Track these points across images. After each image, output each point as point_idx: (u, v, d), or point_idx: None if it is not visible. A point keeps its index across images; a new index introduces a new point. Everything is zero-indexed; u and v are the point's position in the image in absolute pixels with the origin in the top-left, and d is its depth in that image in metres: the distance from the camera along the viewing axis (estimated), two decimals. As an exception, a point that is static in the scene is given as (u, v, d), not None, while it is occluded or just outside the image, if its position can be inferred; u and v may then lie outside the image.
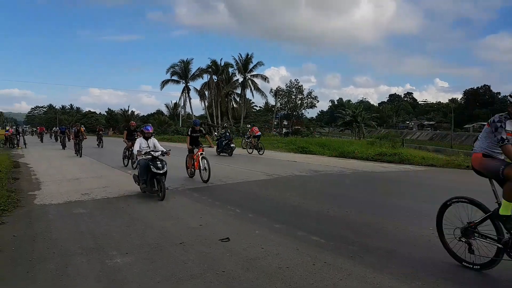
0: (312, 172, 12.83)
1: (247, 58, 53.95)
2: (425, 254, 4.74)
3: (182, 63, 55.46)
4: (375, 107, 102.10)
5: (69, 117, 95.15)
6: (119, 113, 78.35)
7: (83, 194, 8.95)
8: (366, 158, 17.39)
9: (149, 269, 4.33)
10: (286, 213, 7.03)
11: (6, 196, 8.13)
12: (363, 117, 51.80)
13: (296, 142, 26.69)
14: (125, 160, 14.93)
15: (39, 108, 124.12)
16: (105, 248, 5.07)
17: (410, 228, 5.85)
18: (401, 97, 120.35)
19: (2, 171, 11.98)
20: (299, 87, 61.03)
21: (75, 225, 6.30)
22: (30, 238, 5.52)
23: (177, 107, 65.56)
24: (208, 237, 5.48)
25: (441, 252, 4.64)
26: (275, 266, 4.36)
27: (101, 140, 28.07)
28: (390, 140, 25.79)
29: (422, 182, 11.10)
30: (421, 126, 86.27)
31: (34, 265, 4.48)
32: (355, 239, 5.33)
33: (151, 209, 7.41)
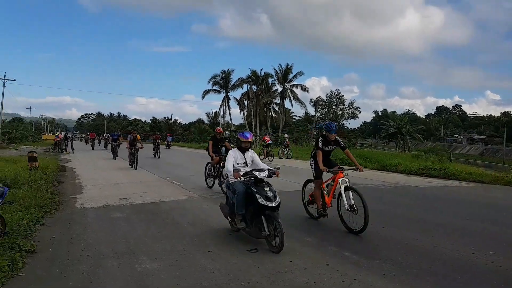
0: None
1: (287, 68, 54.01)
2: (463, 275, 4.48)
3: (223, 74, 56.42)
4: (421, 119, 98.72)
5: (116, 124, 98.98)
6: (163, 121, 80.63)
7: (121, 198, 9.24)
8: (410, 172, 16.75)
9: (176, 276, 4.37)
10: (319, 227, 6.88)
11: (49, 199, 8.55)
12: (408, 129, 50.13)
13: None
14: (209, 180, 11.46)
15: (88, 115, 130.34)
16: (136, 253, 5.18)
17: (449, 247, 5.54)
18: (449, 109, 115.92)
19: (48, 174, 12.62)
20: (340, 97, 60.28)
21: (110, 229, 6.50)
22: (67, 240, 5.75)
23: (217, 116, 66.56)
24: (237, 247, 5.47)
25: (481, 274, 4.38)
26: (302, 280, 4.27)
27: (158, 149, 24.45)
28: (437, 154, 24.78)
29: (466, 199, 10.54)
30: (471, 140, 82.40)
31: (68, 266, 4.65)
32: (389, 256, 5.12)
33: (184, 216, 7.51)
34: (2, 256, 4.61)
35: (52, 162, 16.83)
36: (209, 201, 9.06)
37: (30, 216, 6.63)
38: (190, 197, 9.65)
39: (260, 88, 55.62)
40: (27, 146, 38.42)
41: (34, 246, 5.21)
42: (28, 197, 8.04)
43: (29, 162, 13.83)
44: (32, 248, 5.14)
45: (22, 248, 5.01)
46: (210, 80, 56.99)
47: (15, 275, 4.27)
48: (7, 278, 4.12)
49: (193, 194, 9.97)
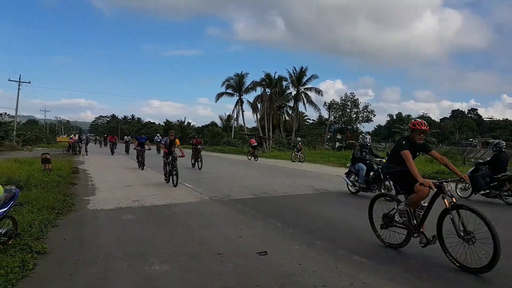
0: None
1: (301, 72, 53.81)
2: (474, 280, 4.39)
3: (237, 77, 56.50)
4: (436, 123, 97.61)
5: (130, 127, 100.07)
6: (176, 124, 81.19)
7: (133, 200, 9.30)
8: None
9: (184, 278, 4.37)
10: (329, 230, 6.82)
11: (62, 201, 8.66)
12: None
13: (349, 156, 26.04)
14: None
15: (103, 117, 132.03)
16: (146, 255, 5.19)
17: (460, 251, 5.43)
18: (464, 113, 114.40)
19: (61, 176, 12.79)
20: (354, 101, 59.79)
21: (121, 231, 6.54)
22: (78, 242, 5.79)
23: (230, 119, 66.77)
24: (246, 250, 5.45)
25: (493, 278, 4.29)
26: (311, 283, 4.23)
27: (200, 158, 18.42)
28: (451, 157, 24.48)
29: (479, 203, 10.33)
30: (486, 144, 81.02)
31: (78, 268, 4.68)
32: (401, 260, 5.06)
33: (194, 218, 7.52)
34: (13, 257, 4.68)
35: (65, 164, 17.04)
36: (220, 204, 9.06)
37: (42, 218, 6.70)
38: (201, 199, 9.67)
39: (274, 91, 55.51)
40: (41, 148, 39.03)
41: (45, 248, 5.26)
42: (41, 199, 8.16)
43: (43, 164, 14.06)
44: (43, 249, 5.19)
45: (33, 249, 5.07)
46: (224, 83, 57.15)
47: (26, 276, 4.31)
48: (17, 279, 4.16)
49: (204, 197, 9.99)
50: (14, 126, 46.22)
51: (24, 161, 17.09)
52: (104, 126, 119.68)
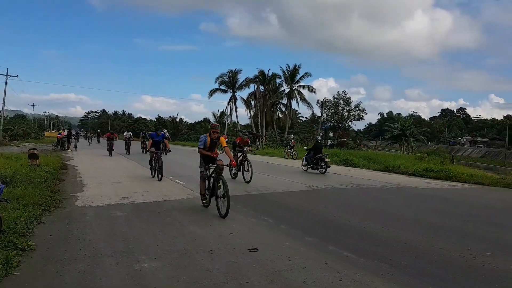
0: (353, 185, 12.44)
1: (295, 69, 53.79)
2: (459, 275, 4.47)
3: (230, 73, 56.21)
4: (426, 122, 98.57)
5: (121, 123, 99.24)
6: (168, 120, 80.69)
7: (123, 197, 9.18)
8: (412, 174, 16.67)
9: (174, 276, 4.31)
10: (320, 227, 6.82)
11: (49, 197, 8.49)
12: (413, 131, 50.01)
13: (340, 154, 26.13)
14: None
15: (93, 113, 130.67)
16: (135, 252, 5.12)
17: (447, 247, 5.52)
18: (453, 112, 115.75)
19: (49, 172, 12.59)
20: (346, 99, 60.00)
21: (110, 228, 6.44)
22: (65, 239, 5.68)
23: (223, 115, 66.47)
24: (237, 246, 5.41)
25: (477, 274, 4.33)
26: (301, 280, 4.21)
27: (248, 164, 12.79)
28: (439, 156, 24.68)
29: (466, 200, 10.44)
30: (474, 142, 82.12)
31: (64, 265, 4.59)
32: (388, 256, 5.07)
33: (185, 215, 7.45)
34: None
35: (53, 160, 16.79)
36: (211, 201, 8.97)
37: (28, 214, 6.56)
38: (193, 196, 9.58)
39: (268, 88, 55.41)
40: (29, 143, 38.51)
41: (31, 245, 5.15)
42: (27, 195, 8.00)
43: (30, 159, 13.84)
44: (29, 246, 5.08)
45: (18, 246, 4.95)
46: (217, 79, 56.80)
47: (9, 274, 4.20)
48: (0, 277, 4.06)
49: (196, 194, 9.87)
50: (1, 121, 45.46)
51: (10, 157, 16.75)
52: (94, 122, 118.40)
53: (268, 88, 55.51)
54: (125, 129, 66.68)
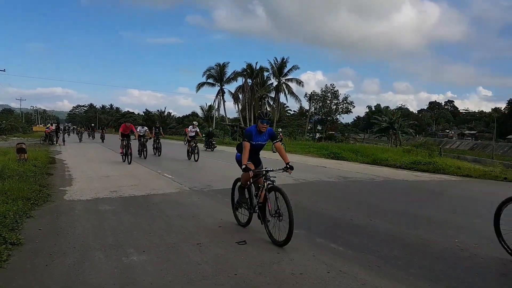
0: (341, 178, 12.59)
1: (282, 62, 53.91)
2: (447, 267, 4.53)
3: (218, 67, 56.09)
4: (414, 115, 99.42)
5: (109, 117, 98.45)
6: (156, 114, 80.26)
7: (111, 191, 9.18)
8: (400, 166, 16.90)
9: (163, 268, 4.36)
10: (307, 219, 6.89)
11: (37, 191, 8.45)
12: (401, 124, 50.45)
13: (328, 147, 26.34)
14: None
15: (80, 107, 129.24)
16: (123, 246, 5.15)
17: (435, 239, 5.62)
18: (441, 105, 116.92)
19: (37, 166, 12.51)
20: (334, 92, 60.36)
21: (98, 221, 6.45)
22: (54, 232, 5.69)
23: (211, 109, 66.32)
24: (226, 239, 5.47)
25: (465, 266, 4.44)
26: (289, 272, 4.28)
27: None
28: (428, 148, 24.98)
29: (454, 193, 10.64)
30: (462, 135, 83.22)
31: (53, 258, 4.60)
32: (375, 248, 5.16)
33: (174, 209, 7.49)
34: (-14, 248, 4.56)
35: (41, 154, 16.65)
36: (199, 194, 9.05)
37: (16, 208, 6.54)
38: (181, 190, 9.62)
39: (255, 81, 55.47)
40: (17, 137, 38.06)
41: (20, 239, 5.15)
42: (15, 189, 7.95)
43: (18, 154, 13.72)
44: (18, 240, 5.08)
45: (7, 240, 4.95)
46: (205, 73, 56.65)
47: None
48: (-10, 271, 4.08)
49: (184, 187, 9.95)
50: (-13, 115, 44.93)
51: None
52: (81, 116, 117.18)
53: (256, 81, 55.57)
54: (113, 123, 66.25)
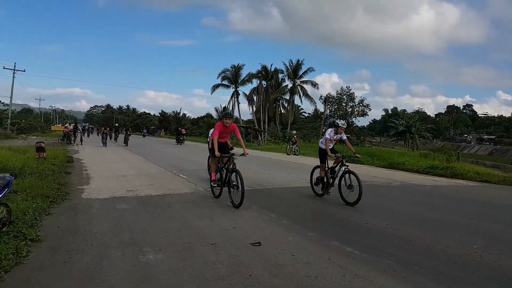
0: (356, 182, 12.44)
1: (298, 64, 53.73)
2: (464, 273, 4.46)
3: (233, 68, 56.17)
4: (431, 118, 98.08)
5: (125, 117, 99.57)
6: (171, 115, 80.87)
7: (128, 190, 9.30)
8: (417, 171, 16.65)
9: (178, 267, 4.40)
10: (322, 222, 6.88)
11: (56, 189, 8.63)
12: (418, 128, 49.74)
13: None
14: None
15: (98, 107, 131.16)
16: (140, 244, 5.21)
17: (452, 245, 5.52)
18: (459, 108, 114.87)
19: (56, 165, 12.75)
20: (350, 95, 59.93)
21: (116, 220, 6.54)
22: (72, 230, 5.79)
23: (225, 111, 66.48)
24: (240, 240, 5.49)
25: (483, 272, 4.36)
26: (304, 274, 4.27)
27: None
28: (445, 153, 24.58)
29: (472, 198, 10.45)
30: (480, 140, 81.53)
31: (72, 255, 4.69)
32: (392, 252, 5.10)
33: (189, 209, 7.54)
34: (7, 244, 4.67)
35: (60, 153, 16.95)
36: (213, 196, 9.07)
37: (36, 206, 6.69)
38: (196, 190, 9.68)
39: (270, 83, 55.41)
40: (36, 136, 38.77)
41: (39, 235, 5.26)
42: (35, 187, 8.14)
43: (37, 152, 14.00)
44: (37, 237, 5.19)
45: (27, 237, 5.07)
46: (220, 74, 56.78)
47: (19, 263, 4.32)
48: (11, 266, 4.17)
49: (199, 188, 10.00)
50: (8, 114, 45.82)
51: (18, 150, 16.94)
52: (99, 116, 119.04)
53: (271, 83, 55.51)
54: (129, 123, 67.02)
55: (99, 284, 3.90)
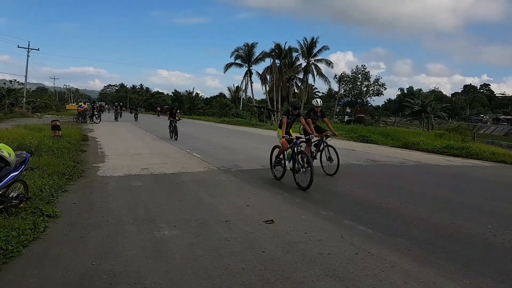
0: (370, 161, 12.39)
1: (312, 42, 52.70)
2: (478, 252, 4.44)
3: (246, 47, 55.46)
4: (447, 98, 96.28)
5: (139, 96, 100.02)
6: (185, 95, 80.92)
7: (143, 168, 9.40)
8: (432, 151, 16.46)
9: (193, 243, 4.46)
10: (335, 201, 6.87)
11: (72, 167, 8.76)
12: (433, 108, 48.94)
13: (358, 130, 25.87)
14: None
15: (111, 86, 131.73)
16: (155, 220, 5.30)
17: (466, 225, 5.47)
18: (476, 88, 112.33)
19: (71, 143, 12.92)
20: (365, 73, 58.78)
21: (131, 197, 6.64)
22: (88, 206, 5.90)
23: (238, 90, 66.17)
24: (253, 218, 5.53)
25: (497, 252, 4.33)
26: (316, 251, 4.30)
27: None
28: (460, 133, 24.18)
29: (487, 179, 10.30)
30: (497, 120, 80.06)
31: (88, 231, 4.79)
32: (405, 231, 5.09)
33: (203, 186, 7.60)
34: (25, 220, 4.79)
35: (75, 132, 17.16)
36: (227, 174, 9.13)
37: (52, 183, 6.81)
38: (210, 169, 9.74)
39: (284, 62, 54.57)
40: (51, 115, 39.25)
41: (56, 211, 5.38)
42: (51, 165, 8.28)
43: (53, 131, 14.19)
44: (54, 213, 5.30)
45: (44, 213, 5.19)
46: (233, 53, 56.13)
47: (37, 238, 4.43)
48: (29, 241, 4.28)
49: (213, 167, 10.06)
50: (23, 93, 46.36)
51: (34, 128, 17.22)
52: (112, 95, 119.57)
53: (284, 62, 54.67)
54: (143, 103, 68.01)
55: (115, 258, 3.99)
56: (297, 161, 7.85)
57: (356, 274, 3.73)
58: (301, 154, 7.89)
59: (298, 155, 7.90)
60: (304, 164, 7.74)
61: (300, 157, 7.87)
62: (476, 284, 3.59)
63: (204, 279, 3.58)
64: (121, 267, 3.77)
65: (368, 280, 3.61)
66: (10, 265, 3.76)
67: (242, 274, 3.68)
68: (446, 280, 3.64)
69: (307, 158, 7.68)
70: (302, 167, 7.72)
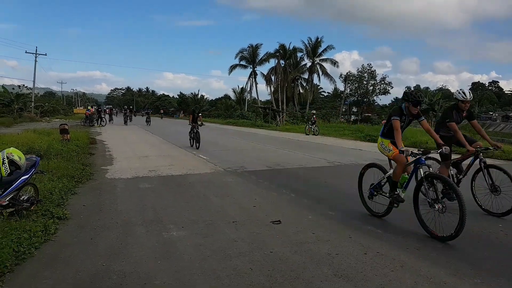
0: (378, 161, 12.30)
1: (317, 42, 52.58)
2: (490, 252, 4.40)
3: (250, 48, 55.46)
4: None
5: (145, 99, 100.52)
6: (190, 97, 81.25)
7: (150, 170, 9.46)
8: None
9: (201, 244, 4.49)
10: (342, 201, 6.86)
11: (81, 169, 8.86)
12: (441, 106, 48.58)
13: (364, 130, 25.82)
14: None
15: (118, 90, 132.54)
16: (163, 221, 5.34)
17: (477, 224, 5.41)
18: (485, 85, 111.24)
19: (79, 146, 13.05)
20: (371, 72, 58.47)
21: (139, 198, 6.69)
22: (97, 208, 5.96)
23: (243, 91, 66.23)
24: (260, 218, 5.54)
25: (509, 251, 4.30)
26: (325, 252, 4.29)
27: None
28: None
29: (497, 176, 10.19)
30: (506, 117, 79.22)
31: (98, 232, 4.84)
32: (414, 231, 5.06)
33: (210, 188, 7.63)
34: (36, 222, 4.85)
35: (83, 135, 17.33)
36: (234, 175, 9.16)
37: (62, 186, 6.89)
38: (216, 170, 9.78)
39: (288, 62, 54.51)
40: (59, 119, 39.57)
41: (66, 214, 5.44)
42: (60, 168, 8.36)
43: (61, 134, 14.33)
44: (64, 215, 5.36)
45: (54, 215, 5.24)
46: (237, 55, 56.20)
47: (48, 240, 4.49)
48: (40, 243, 4.33)
49: (219, 168, 10.09)
50: (32, 98, 46.72)
51: (43, 132, 17.36)
52: (119, 98, 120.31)
53: (289, 62, 54.60)
54: (149, 106, 68.73)
55: (124, 259, 4.02)
56: (426, 190, 5.00)
57: (365, 274, 3.73)
58: (434, 179, 5.02)
59: (427, 181, 5.04)
60: (440, 195, 5.08)
61: (432, 184, 5.02)
62: (487, 283, 3.57)
63: (213, 279, 3.61)
64: (130, 268, 3.81)
65: (378, 280, 3.60)
66: (22, 266, 3.80)
67: (250, 275, 3.70)
68: (457, 279, 3.62)
69: (453, 187, 4.78)
70: (436, 201, 4.84)
